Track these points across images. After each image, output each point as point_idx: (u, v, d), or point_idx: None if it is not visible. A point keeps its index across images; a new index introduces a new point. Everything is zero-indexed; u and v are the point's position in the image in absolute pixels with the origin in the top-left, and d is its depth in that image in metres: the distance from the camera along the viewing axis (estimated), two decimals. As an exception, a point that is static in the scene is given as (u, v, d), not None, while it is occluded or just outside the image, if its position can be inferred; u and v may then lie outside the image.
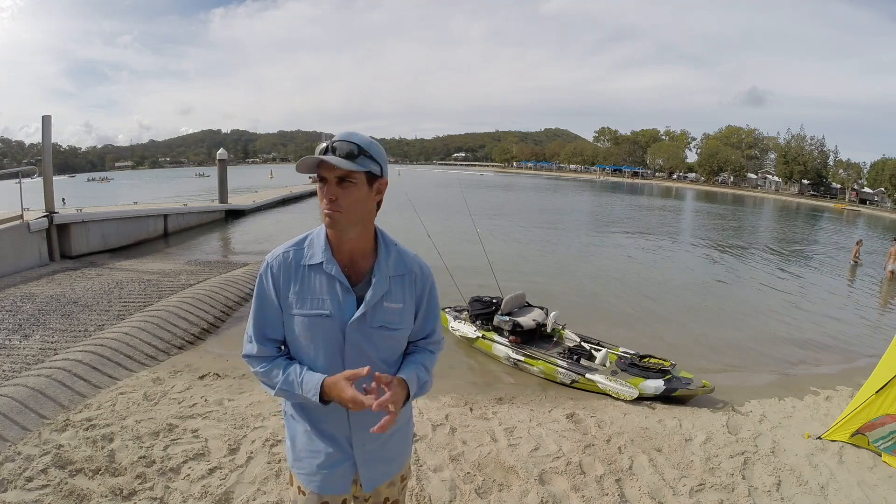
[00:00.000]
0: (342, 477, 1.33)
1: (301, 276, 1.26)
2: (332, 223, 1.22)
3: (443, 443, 3.36)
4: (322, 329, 1.25)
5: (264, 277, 1.28)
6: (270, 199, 21.97)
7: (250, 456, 3.06)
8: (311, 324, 1.25)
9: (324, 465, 1.31)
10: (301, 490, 1.36)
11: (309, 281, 1.26)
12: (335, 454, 1.31)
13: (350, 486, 1.35)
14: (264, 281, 1.28)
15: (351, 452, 1.32)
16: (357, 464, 1.32)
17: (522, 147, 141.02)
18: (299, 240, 1.31)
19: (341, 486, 1.34)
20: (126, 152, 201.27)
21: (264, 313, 1.30)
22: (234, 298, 6.90)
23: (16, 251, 7.84)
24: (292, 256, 1.28)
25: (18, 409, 3.43)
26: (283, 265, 1.27)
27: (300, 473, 1.35)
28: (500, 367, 5.45)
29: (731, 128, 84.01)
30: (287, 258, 1.28)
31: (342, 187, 1.19)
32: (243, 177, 51.56)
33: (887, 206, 52.02)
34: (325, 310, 1.24)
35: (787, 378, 5.52)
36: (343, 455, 1.32)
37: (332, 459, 1.31)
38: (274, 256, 1.29)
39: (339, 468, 1.32)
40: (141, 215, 12.19)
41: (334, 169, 1.18)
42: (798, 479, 3.16)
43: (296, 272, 1.27)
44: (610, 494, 2.87)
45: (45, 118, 9.14)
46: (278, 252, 1.30)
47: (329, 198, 1.19)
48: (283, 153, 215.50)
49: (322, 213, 1.22)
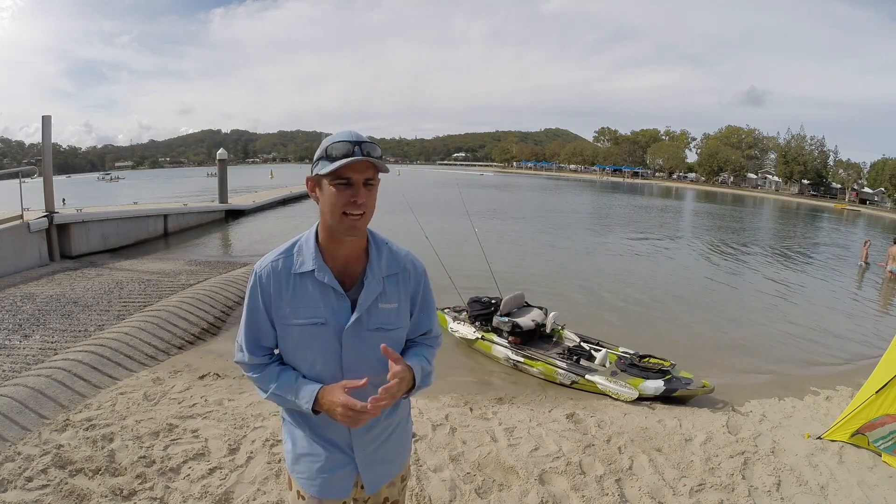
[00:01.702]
0: (343, 481, 1.31)
1: (293, 285, 1.22)
2: (356, 230, 1.17)
3: (443, 443, 3.36)
4: (318, 337, 1.22)
5: (254, 289, 1.24)
6: (270, 199, 21.96)
7: (250, 456, 3.06)
8: (306, 333, 1.22)
9: (324, 470, 1.29)
10: (300, 494, 1.34)
11: (301, 290, 1.22)
12: (336, 458, 1.29)
13: (350, 489, 1.33)
14: (254, 292, 1.24)
15: (352, 456, 1.30)
16: (358, 467, 1.31)
17: (522, 147, 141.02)
18: (287, 247, 1.26)
19: (342, 490, 1.32)
20: (126, 152, 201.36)
21: (255, 325, 1.26)
22: (234, 298, 6.90)
23: (16, 251, 7.84)
24: (282, 265, 1.23)
25: (18, 409, 3.43)
26: (273, 275, 1.23)
27: (299, 478, 1.33)
28: (499, 367, 5.45)
29: (731, 128, 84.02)
30: (276, 268, 1.23)
31: (367, 189, 1.16)
32: (242, 177, 51.59)
33: (887, 206, 52.02)
34: (319, 318, 1.21)
35: (787, 378, 5.52)
36: (344, 459, 1.30)
37: (333, 464, 1.29)
38: (262, 266, 1.24)
39: (340, 472, 1.30)
40: (141, 215, 12.18)
41: (365, 170, 1.14)
42: (798, 479, 3.16)
43: (286, 281, 1.22)
44: (610, 494, 2.87)
45: (45, 118, 9.14)
46: (267, 262, 1.25)
47: (360, 201, 1.14)
48: (283, 153, 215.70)
49: (340, 219, 1.15)
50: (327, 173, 1.14)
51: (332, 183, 1.14)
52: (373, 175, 1.16)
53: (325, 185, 1.16)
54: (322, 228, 1.25)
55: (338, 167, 1.11)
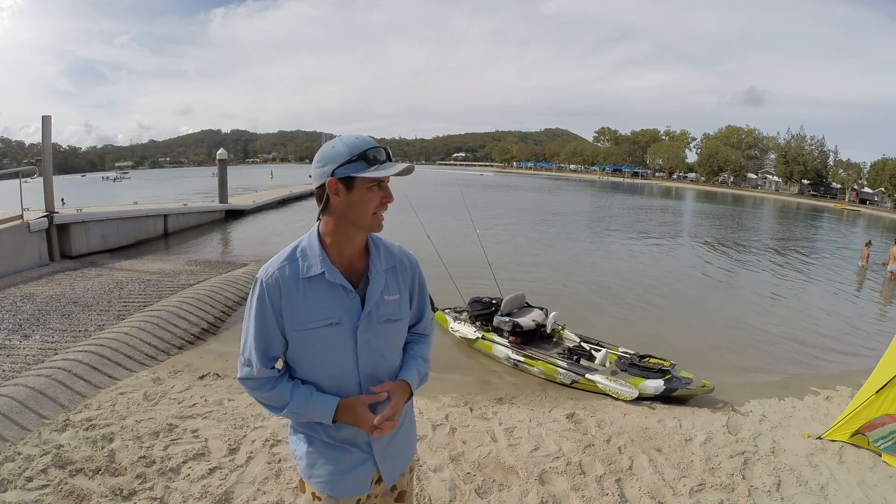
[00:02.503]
0: (363, 478, 1.33)
1: (303, 290, 1.21)
2: (381, 227, 1.27)
3: (443, 443, 3.36)
4: (334, 337, 1.23)
5: (261, 298, 1.21)
6: (270, 199, 21.96)
7: (250, 456, 3.06)
8: (323, 335, 1.22)
9: (346, 471, 1.31)
10: (316, 496, 1.33)
11: (313, 293, 1.22)
12: (356, 457, 1.31)
13: (370, 485, 1.35)
14: (262, 302, 1.21)
15: (370, 453, 1.33)
16: (377, 462, 1.33)
17: (522, 147, 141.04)
18: (289, 253, 1.25)
19: (362, 486, 1.34)
20: (126, 152, 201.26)
21: (265, 335, 1.23)
22: (234, 298, 6.90)
23: (16, 251, 7.85)
24: (288, 272, 1.22)
25: (18, 409, 3.44)
26: (282, 282, 1.21)
27: (318, 482, 1.32)
28: (500, 367, 5.45)
29: (731, 128, 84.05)
30: (284, 275, 1.21)
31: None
32: (242, 177, 51.55)
33: (887, 206, 52.04)
34: (334, 318, 1.23)
35: (787, 378, 5.52)
36: (363, 456, 1.32)
37: (353, 462, 1.31)
38: (268, 275, 1.22)
39: (360, 470, 1.32)
40: (141, 215, 12.19)
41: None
42: (798, 479, 3.16)
43: (296, 287, 1.21)
44: (610, 494, 2.87)
45: (45, 118, 9.16)
46: (271, 270, 1.22)
47: (391, 201, 1.25)
48: (283, 153, 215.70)
49: (373, 217, 1.23)
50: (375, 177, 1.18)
51: (370, 187, 1.21)
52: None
53: (358, 186, 1.19)
54: (332, 229, 1.24)
55: (393, 172, 1.19)
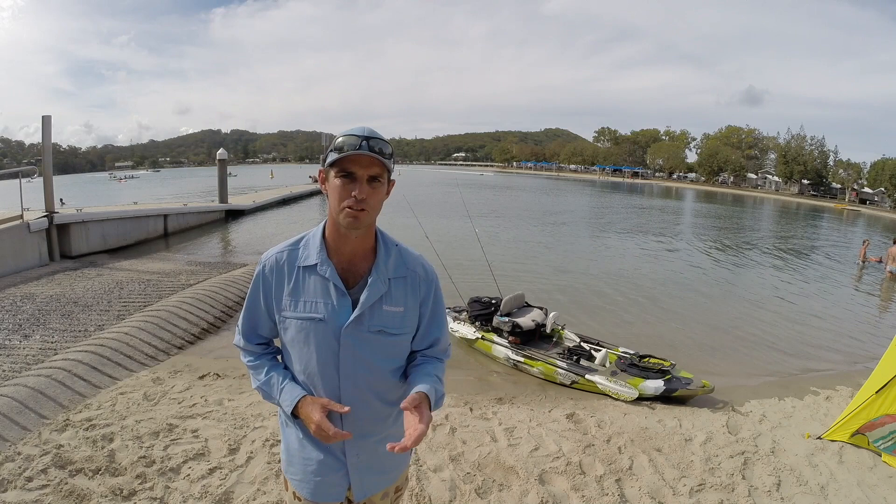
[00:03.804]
0: (335, 485, 1.31)
1: (295, 277, 1.23)
2: (357, 223, 1.15)
3: (443, 443, 3.36)
4: (315, 333, 1.21)
5: (257, 278, 1.27)
6: (270, 199, 21.95)
7: (250, 456, 3.06)
8: (304, 327, 1.21)
9: (317, 473, 1.29)
10: (296, 496, 1.34)
11: (303, 283, 1.22)
12: (328, 462, 1.29)
13: (344, 493, 1.33)
14: (257, 281, 1.27)
15: (344, 461, 1.29)
16: (349, 473, 1.30)
17: (522, 147, 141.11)
18: (295, 240, 1.28)
19: (335, 493, 1.31)
20: (126, 152, 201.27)
21: (253, 313, 1.30)
22: (234, 298, 6.90)
23: (16, 251, 7.84)
24: (286, 258, 1.25)
25: (18, 409, 3.44)
26: (277, 267, 1.25)
27: (293, 479, 1.33)
28: (499, 367, 5.45)
29: (731, 128, 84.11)
30: (280, 259, 1.25)
31: (371, 186, 1.15)
32: (242, 177, 51.55)
33: (887, 206, 52.03)
34: (318, 313, 1.20)
35: (787, 378, 5.52)
36: (336, 464, 1.29)
37: (325, 467, 1.29)
38: (268, 257, 1.27)
39: (332, 476, 1.29)
40: (141, 215, 12.17)
41: (370, 167, 1.14)
42: (798, 479, 3.16)
43: (289, 274, 1.23)
44: (610, 494, 2.87)
45: (45, 118, 9.14)
46: (272, 253, 1.27)
47: (359, 196, 1.13)
48: (283, 153, 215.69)
49: (341, 212, 1.15)
50: (330, 164, 1.15)
51: (337, 175, 1.15)
52: (380, 173, 1.15)
53: (332, 178, 1.17)
54: (329, 223, 1.25)
55: (339, 158, 1.13)
